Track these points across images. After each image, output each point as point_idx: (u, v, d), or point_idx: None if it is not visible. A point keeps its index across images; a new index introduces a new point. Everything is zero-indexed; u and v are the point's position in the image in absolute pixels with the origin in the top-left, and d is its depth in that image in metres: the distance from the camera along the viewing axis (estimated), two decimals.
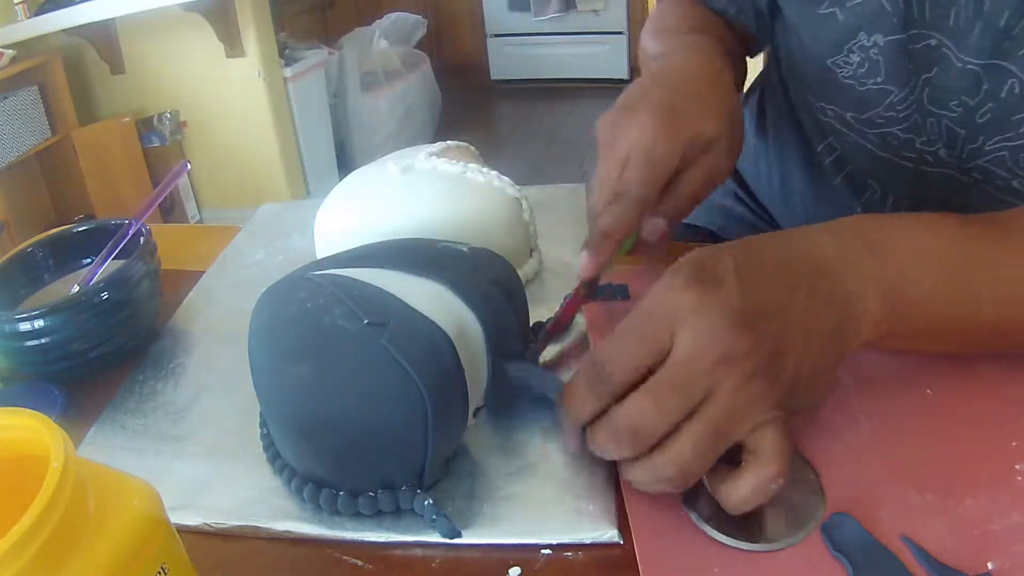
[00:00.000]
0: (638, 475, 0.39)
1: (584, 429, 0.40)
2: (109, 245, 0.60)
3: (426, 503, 0.42)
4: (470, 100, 4.03)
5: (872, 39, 0.60)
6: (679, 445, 0.37)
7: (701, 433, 0.36)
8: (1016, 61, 0.54)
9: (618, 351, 0.38)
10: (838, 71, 0.64)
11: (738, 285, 0.38)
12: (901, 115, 0.63)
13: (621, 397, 0.38)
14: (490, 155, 0.71)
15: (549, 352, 0.54)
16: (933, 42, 0.57)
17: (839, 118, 0.68)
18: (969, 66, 0.56)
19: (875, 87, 0.62)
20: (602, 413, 0.39)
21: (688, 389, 0.36)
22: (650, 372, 0.37)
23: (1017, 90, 0.55)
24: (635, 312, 0.38)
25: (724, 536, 0.39)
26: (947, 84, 0.58)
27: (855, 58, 0.62)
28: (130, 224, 0.61)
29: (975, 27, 0.54)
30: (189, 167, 0.69)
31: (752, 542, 0.39)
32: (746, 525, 0.39)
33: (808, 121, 0.74)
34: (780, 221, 0.83)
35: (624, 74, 3.91)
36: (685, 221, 0.87)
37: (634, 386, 0.37)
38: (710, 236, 0.87)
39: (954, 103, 0.58)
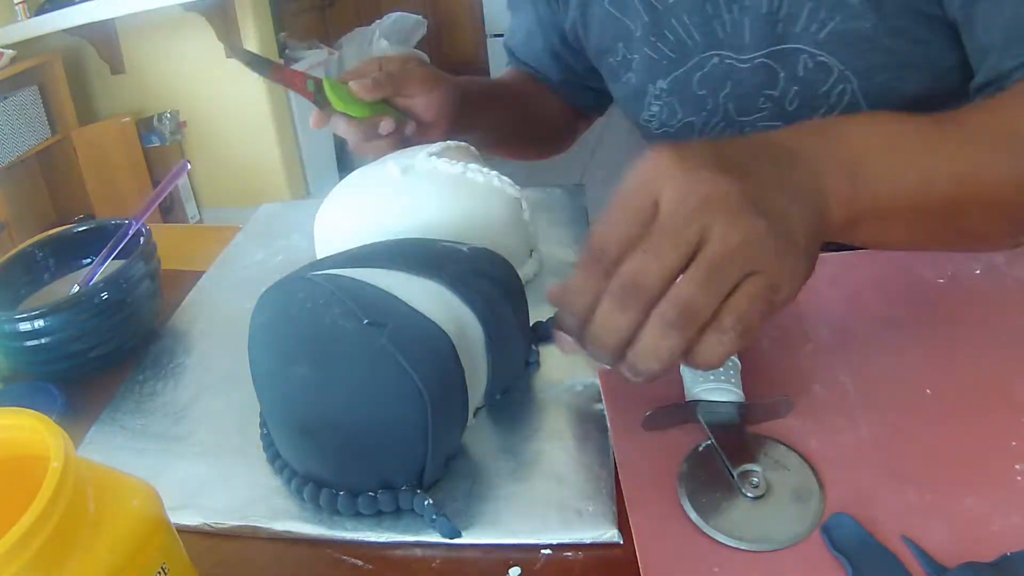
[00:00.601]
0: (646, 340, 0.36)
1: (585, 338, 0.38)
2: (109, 245, 0.60)
3: (426, 503, 0.41)
4: None
5: (657, 86, 0.67)
6: (680, 285, 0.35)
7: (698, 269, 0.35)
8: (797, 38, 0.57)
9: (607, 228, 0.37)
10: (649, 126, 0.70)
11: (710, 149, 0.38)
12: (713, 137, 0.67)
13: None
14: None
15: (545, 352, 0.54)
16: (715, 60, 0.62)
17: None
18: (757, 60, 0.60)
19: (680, 124, 0.68)
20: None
21: (679, 235, 0.35)
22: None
23: (812, 64, 0.58)
24: (618, 192, 0.38)
25: (724, 536, 0.39)
26: (746, 90, 0.62)
27: (655, 108, 0.69)
28: (130, 224, 0.61)
29: (743, 25, 0.58)
30: (189, 167, 0.69)
31: (752, 542, 0.39)
32: (746, 525, 0.39)
33: None
34: None
35: None
36: None
37: None
38: None
39: (760, 101, 0.62)
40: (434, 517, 0.41)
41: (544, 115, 0.87)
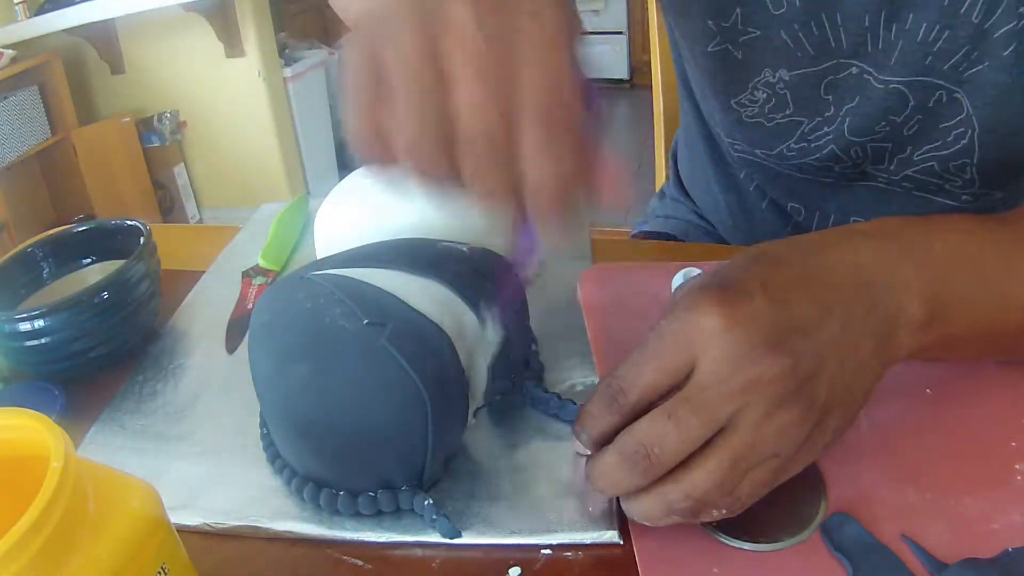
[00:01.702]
0: (646, 506, 0.36)
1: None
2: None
3: (426, 503, 0.42)
4: None
5: (777, 74, 0.60)
6: (695, 476, 0.34)
7: (719, 464, 0.34)
8: (941, 75, 0.54)
9: (634, 371, 0.35)
10: (741, 111, 0.63)
11: (767, 302, 0.35)
12: (814, 145, 0.62)
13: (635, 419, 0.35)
14: None
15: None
16: (854, 70, 0.57)
17: (749, 153, 0.68)
18: (892, 85, 0.56)
19: (784, 120, 0.62)
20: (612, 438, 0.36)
21: (712, 413, 0.34)
22: (668, 396, 0.35)
23: (945, 99, 0.55)
24: (655, 332, 0.36)
25: (724, 536, 0.39)
26: (871, 110, 0.58)
27: (760, 95, 0.61)
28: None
29: (896, 47, 0.54)
30: None
31: (752, 542, 0.39)
32: (746, 525, 0.39)
33: (727, 152, 0.75)
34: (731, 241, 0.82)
35: (624, 74, 3.91)
36: (644, 228, 0.88)
37: (650, 409, 0.35)
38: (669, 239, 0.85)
39: (881, 124, 0.58)
40: (434, 517, 0.41)
41: None
